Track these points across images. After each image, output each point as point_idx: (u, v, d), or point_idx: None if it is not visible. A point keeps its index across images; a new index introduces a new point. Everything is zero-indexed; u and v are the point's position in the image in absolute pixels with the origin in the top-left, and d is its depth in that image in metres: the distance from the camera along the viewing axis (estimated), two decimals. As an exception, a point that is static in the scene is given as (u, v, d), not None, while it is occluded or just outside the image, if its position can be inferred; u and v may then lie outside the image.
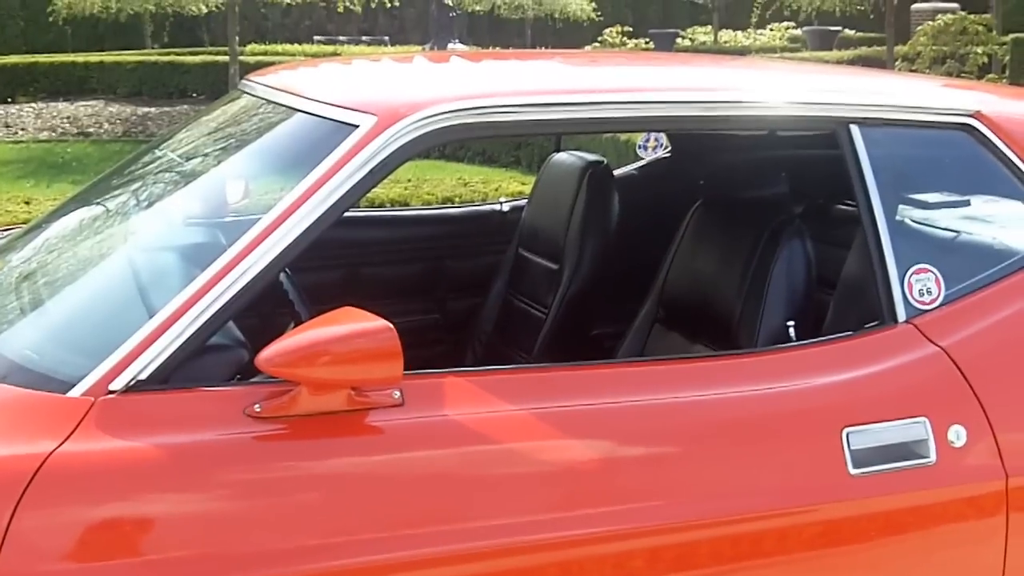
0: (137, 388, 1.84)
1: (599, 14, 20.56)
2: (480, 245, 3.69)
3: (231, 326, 2.02)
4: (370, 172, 2.01)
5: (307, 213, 1.95)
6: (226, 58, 15.15)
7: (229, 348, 2.02)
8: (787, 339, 2.48)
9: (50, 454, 1.75)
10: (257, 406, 1.86)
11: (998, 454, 2.19)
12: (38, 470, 1.73)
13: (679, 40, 21.61)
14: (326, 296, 2.50)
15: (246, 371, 1.99)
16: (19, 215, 7.53)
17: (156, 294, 2.00)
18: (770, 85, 2.58)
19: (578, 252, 3.20)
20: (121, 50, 18.59)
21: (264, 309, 2.62)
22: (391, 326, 1.84)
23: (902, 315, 2.25)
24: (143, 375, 1.84)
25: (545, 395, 2.04)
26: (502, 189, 9.01)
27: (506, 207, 3.76)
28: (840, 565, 2.13)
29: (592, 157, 3.34)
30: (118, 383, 1.84)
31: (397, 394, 1.91)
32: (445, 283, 3.65)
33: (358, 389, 1.88)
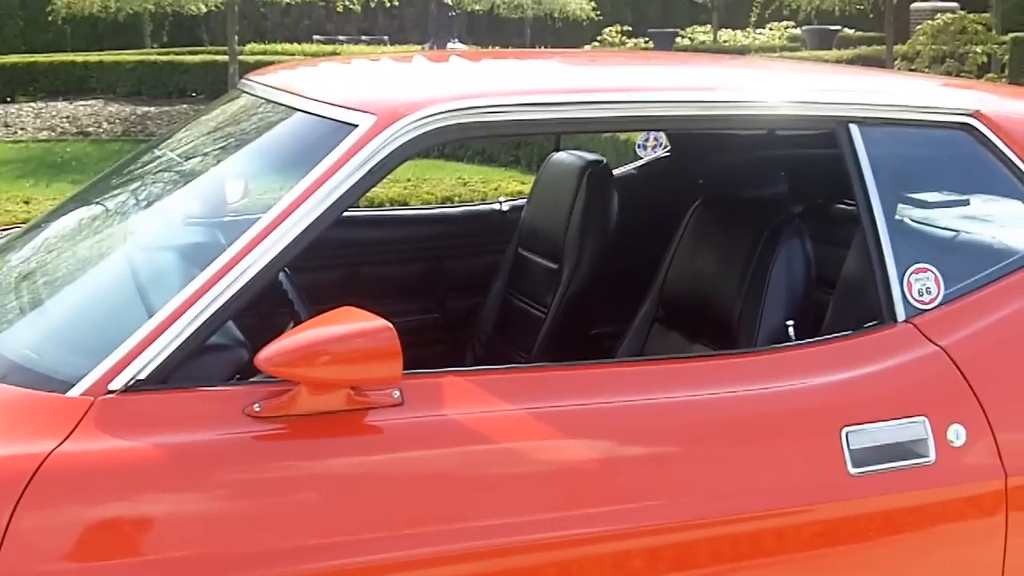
0: (136, 388, 1.84)
1: (598, 13, 20.55)
2: (479, 245, 3.69)
3: (230, 326, 2.02)
4: (369, 172, 2.01)
5: (306, 213, 1.95)
6: (225, 58, 15.15)
7: (228, 348, 2.02)
8: (786, 339, 2.48)
9: (49, 454, 1.75)
10: (256, 406, 1.86)
11: (997, 453, 2.19)
12: (37, 470, 1.73)
13: (678, 39, 21.60)
14: (325, 296, 2.50)
15: (245, 371, 1.99)
16: (18, 215, 7.52)
17: (155, 294, 2.00)
18: (769, 84, 2.58)
19: (577, 252, 3.20)
20: (120, 49, 18.58)
21: (263, 309, 2.62)
22: (390, 326, 1.84)
23: (901, 314, 2.25)
24: (142, 375, 1.84)
25: (544, 395, 2.04)
26: (501, 188, 9.00)
27: (505, 207, 3.75)
28: (840, 565, 2.13)
29: (591, 156, 3.34)
30: (117, 383, 1.83)
31: (397, 394, 1.91)
32: (444, 283, 3.65)
33: (357, 389, 1.88)
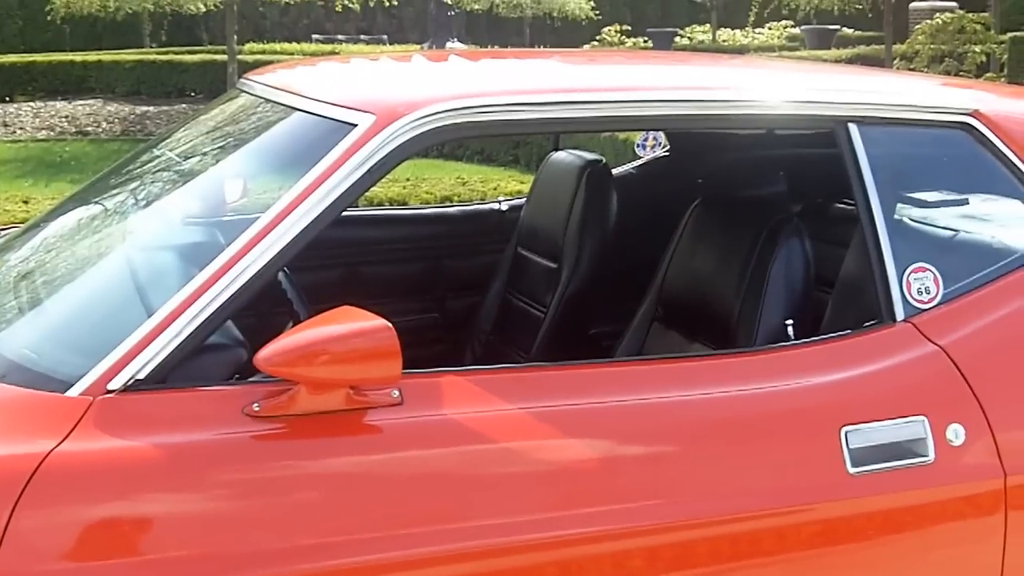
0: (135, 387, 1.84)
1: (597, 13, 20.54)
2: (479, 244, 3.69)
3: (229, 325, 2.02)
4: (368, 171, 2.01)
5: (305, 212, 1.95)
6: (224, 57, 15.14)
7: (227, 347, 2.02)
8: (785, 338, 2.48)
9: (48, 453, 1.75)
10: (256, 405, 1.86)
11: (996, 453, 2.19)
12: (36, 469, 1.73)
13: (677, 39, 21.61)
14: (325, 295, 2.50)
15: (244, 370, 1.99)
16: (17, 214, 7.51)
17: (154, 293, 2.00)
18: (768, 84, 2.58)
19: (577, 251, 3.20)
20: (119, 49, 18.58)
21: (262, 308, 2.62)
22: (390, 325, 1.84)
23: (900, 314, 2.25)
24: (141, 374, 1.84)
25: (544, 394, 2.04)
26: (501, 188, 9.00)
27: (504, 206, 3.75)
28: (839, 564, 2.13)
29: (590, 156, 3.34)
30: (116, 382, 1.83)
31: (396, 393, 1.91)
32: (444, 282, 3.65)
33: (357, 388, 1.88)
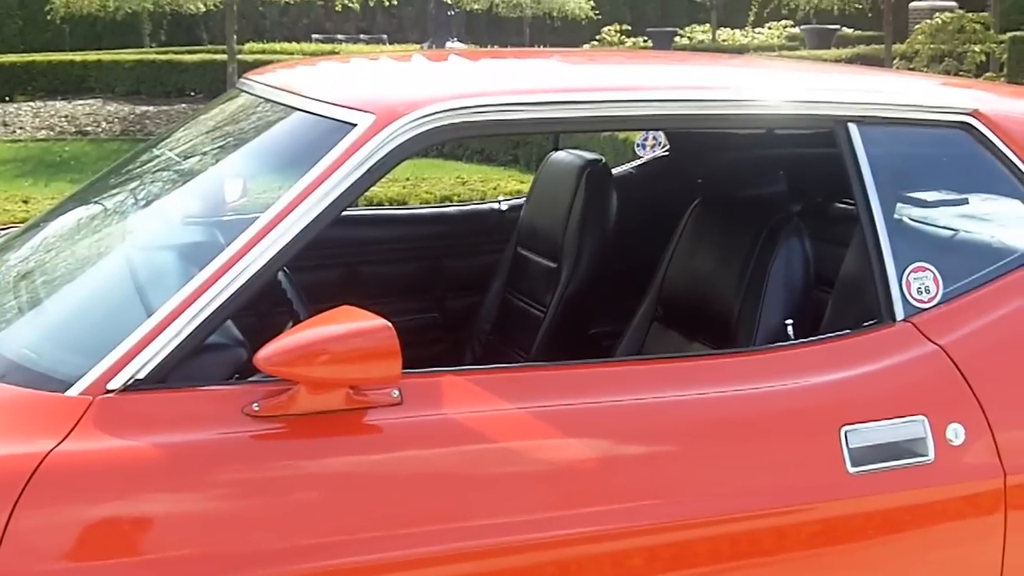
0: (135, 387, 1.84)
1: (597, 12, 20.54)
2: (478, 244, 3.69)
3: (229, 325, 2.02)
4: (368, 171, 2.01)
5: (305, 212, 1.95)
6: (224, 57, 15.15)
7: (227, 347, 2.02)
8: (785, 338, 2.48)
9: (48, 453, 1.75)
10: (255, 405, 1.85)
11: (996, 452, 2.19)
12: (36, 469, 1.73)
13: (677, 39, 21.61)
14: (324, 295, 2.50)
15: (244, 370, 1.99)
16: (17, 214, 7.51)
17: (154, 293, 2.00)
18: (768, 83, 2.58)
19: (576, 251, 3.20)
20: (119, 49, 18.58)
21: (262, 308, 2.62)
22: (389, 325, 1.84)
23: (900, 313, 2.25)
24: (141, 374, 1.84)
25: (543, 394, 2.04)
26: (500, 188, 8.99)
27: (504, 206, 3.75)
28: (839, 564, 2.13)
29: (590, 156, 3.34)
30: (116, 382, 1.83)
31: (396, 393, 1.91)
32: (443, 282, 3.65)
33: (356, 388, 1.88)
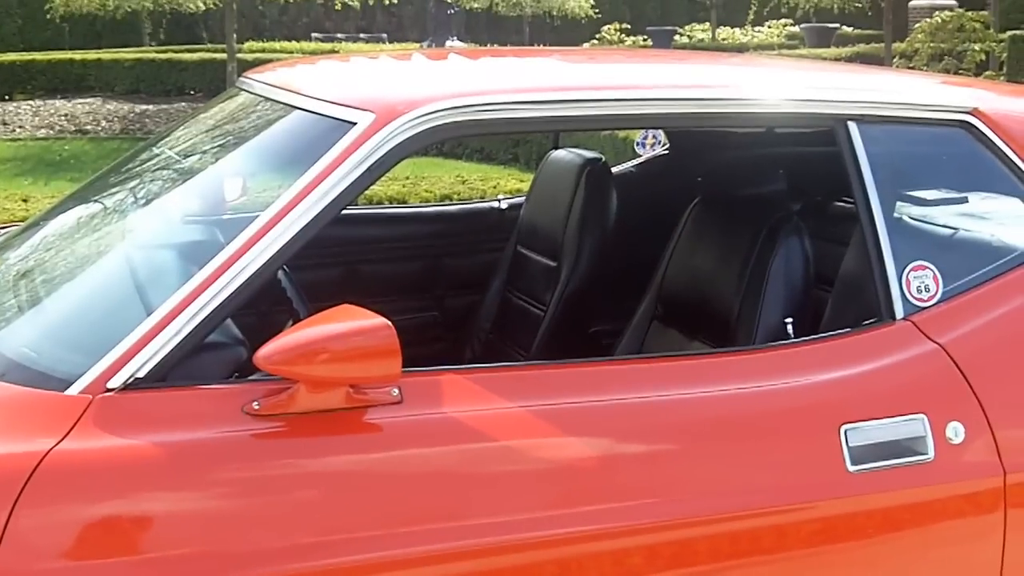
0: (135, 386, 1.84)
1: (597, 11, 20.53)
2: (478, 243, 3.69)
3: (229, 324, 2.02)
4: (368, 169, 2.01)
5: (305, 210, 1.95)
6: (224, 55, 15.15)
7: (227, 346, 2.02)
8: (785, 336, 2.48)
9: (48, 452, 1.75)
10: (255, 404, 1.86)
11: (996, 451, 2.19)
12: (36, 468, 1.73)
13: (677, 37, 21.61)
14: (324, 293, 2.50)
15: (244, 369, 1.99)
16: (17, 213, 7.51)
17: (154, 292, 2.00)
18: (768, 82, 2.58)
19: (576, 249, 3.20)
20: (119, 48, 18.57)
21: (262, 307, 2.62)
22: (389, 324, 1.84)
23: (900, 312, 2.25)
24: (141, 373, 1.84)
25: (543, 392, 2.04)
26: (500, 186, 9.00)
27: (504, 204, 3.75)
28: (838, 562, 2.13)
29: (590, 154, 3.34)
30: (116, 381, 1.83)
31: (396, 392, 1.91)
32: (443, 280, 3.65)
33: (356, 387, 1.88)
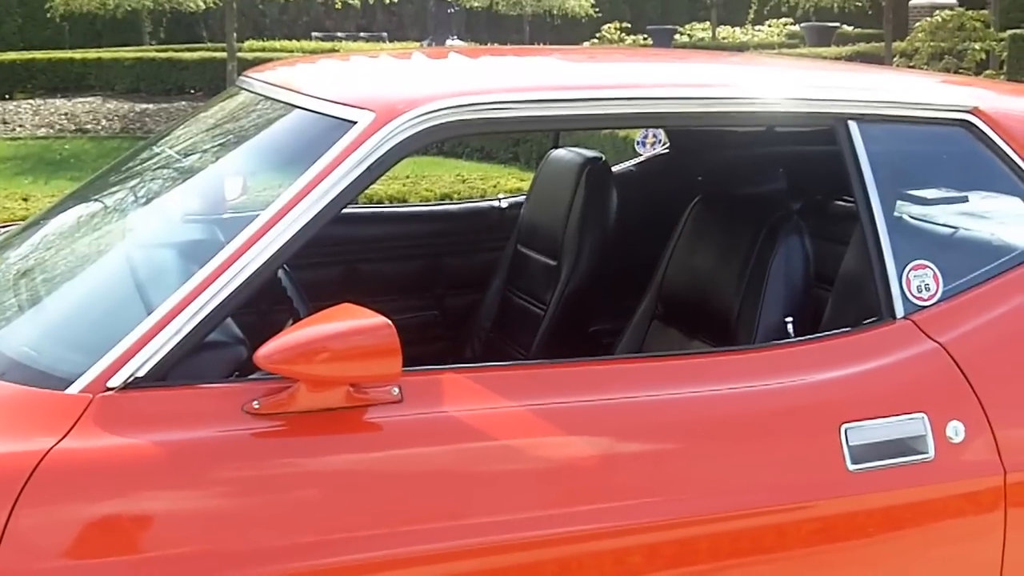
0: (135, 385, 1.84)
1: (597, 10, 20.54)
2: (478, 242, 3.69)
3: (229, 323, 2.02)
4: (368, 168, 2.01)
5: (305, 209, 1.95)
6: (224, 54, 15.16)
7: (227, 345, 2.02)
8: (785, 335, 2.48)
9: (48, 451, 1.75)
10: (256, 403, 1.86)
11: (996, 450, 2.19)
12: (36, 467, 1.73)
13: (677, 36, 21.62)
14: (324, 293, 2.50)
15: (244, 368, 1.99)
16: (17, 212, 7.50)
17: (154, 291, 2.00)
18: (768, 81, 2.58)
19: (576, 248, 3.20)
20: (119, 46, 18.57)
21: (262, 306, 2.63)
22: (390, 323, 1.84)
23: (900, 311, 2.25)
24: (141, 372, 1.84)
25: (544, 391, 2.04)
26: (500, 185, 8.99)
27: (504, 203, 3.75)
28: (839, 561, 2.13)
29: (590, 153, 3.34)
30: (116, 380, 1.83)
31: (396, 390, 1.91)
32: (444, 279, 3.65)
33: (357, 386, 1.88)
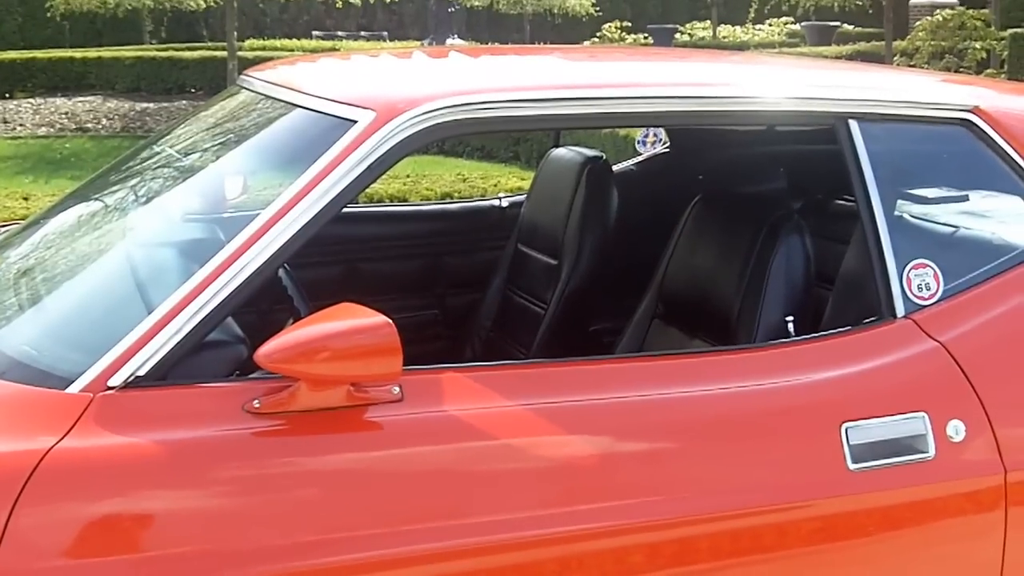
0: (135, 384, 1.84)
1: (598, 9, 20.54)
2: (479, 241, 3.69)
3: (230, 322, 2.02)
4: (368, 168, 2.01)
5: (305, 209, 1.95)
6: (224, 53, 15.15)
7: (228, 344, 2.02)
8: (786, 334, 2.48)
9: (48, 450, 1.75)
10: (256, 402, 1.86)
11: (996, 449, 2.19)
12: (36, 466, 1.73)
13: (678, 35, 21.62)
14: (325, 292, 2.50)
15: (245, 367, 1.99)
16: (17, 211, 7.50)
17: (154, 290, 2.00)
18: (769, 80, 2.58)
19: (577, 248, 3.20)
20: (119, 45, 18.57)
21: (263, 305, 2.63)
22: (390, 322, 1.84)
23: (901, 310, 2.25)
24: (141, 371, 1.84)
25: (544, 391, 2.04)
26: (501, 185, 8.99)
27: (505, 203, 3.75)
28: (839, 560, 2.13)
29: (591, 152, 3.34)
30: (116, 379, 1.83)
31: (396, 390, 1.91)
32: (444, 279, 3.65)
33: (357, 385, 1.88)
